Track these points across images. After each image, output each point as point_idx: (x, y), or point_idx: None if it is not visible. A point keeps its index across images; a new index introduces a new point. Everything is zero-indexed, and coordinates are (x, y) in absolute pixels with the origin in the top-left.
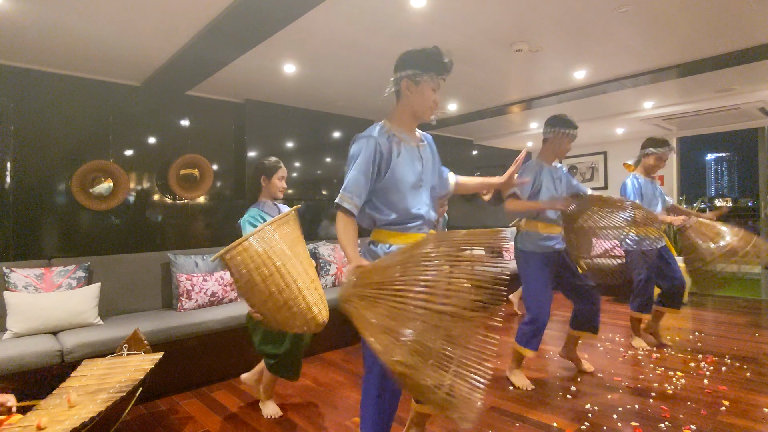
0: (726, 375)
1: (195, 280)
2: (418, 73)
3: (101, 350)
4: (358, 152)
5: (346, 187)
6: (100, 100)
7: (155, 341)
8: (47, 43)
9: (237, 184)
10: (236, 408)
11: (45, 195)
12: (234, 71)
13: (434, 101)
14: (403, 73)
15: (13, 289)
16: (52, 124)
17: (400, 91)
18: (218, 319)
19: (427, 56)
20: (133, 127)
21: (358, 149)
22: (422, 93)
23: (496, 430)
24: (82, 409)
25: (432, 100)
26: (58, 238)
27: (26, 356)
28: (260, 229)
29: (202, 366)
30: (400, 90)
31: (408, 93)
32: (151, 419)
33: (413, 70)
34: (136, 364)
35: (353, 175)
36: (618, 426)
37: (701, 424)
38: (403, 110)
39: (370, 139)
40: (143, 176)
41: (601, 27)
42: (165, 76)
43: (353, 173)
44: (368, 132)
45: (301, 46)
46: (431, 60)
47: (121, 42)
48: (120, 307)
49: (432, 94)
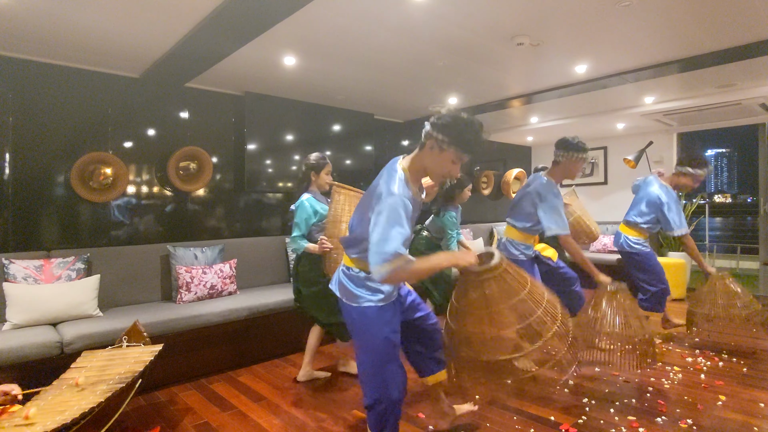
0: (723, 370)
1: (194, 273)
2: (446, 142)
3: (101, 342)
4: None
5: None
6: (99, 91)
7: (155, 333)
8: (46, 35)
9: (236, 177)
10: (235, 400)
11: (44, 186)
12: (233, 63)
13: (450, 172)
14: (434, 133)
15: (13, 281)
16: (51, 115)
17: (425, 144)
18: (217, 312)
19: (465, 131)
20: (132, 118)
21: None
22: (443, 161)
23: (494, 423)
24: (83, 399)
25: (448, 170)
26: (58, 229)
27: (26, 347)
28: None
29: (201, 358)
30: (425, 144)
31: (430, 153)
32: (150, 410)
33: (445, 136)
34: (135, 355)
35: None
36: (615, 420)
37: (698, 418)
38: (420, 162)
39: (406, 201)
40: (142, 168)
41: (603, 21)
42: (164, 67)
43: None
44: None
45: (301, 39)
46: (466, 138)
47: (120, 33)
48: (119, 299)
49: (451, 166)
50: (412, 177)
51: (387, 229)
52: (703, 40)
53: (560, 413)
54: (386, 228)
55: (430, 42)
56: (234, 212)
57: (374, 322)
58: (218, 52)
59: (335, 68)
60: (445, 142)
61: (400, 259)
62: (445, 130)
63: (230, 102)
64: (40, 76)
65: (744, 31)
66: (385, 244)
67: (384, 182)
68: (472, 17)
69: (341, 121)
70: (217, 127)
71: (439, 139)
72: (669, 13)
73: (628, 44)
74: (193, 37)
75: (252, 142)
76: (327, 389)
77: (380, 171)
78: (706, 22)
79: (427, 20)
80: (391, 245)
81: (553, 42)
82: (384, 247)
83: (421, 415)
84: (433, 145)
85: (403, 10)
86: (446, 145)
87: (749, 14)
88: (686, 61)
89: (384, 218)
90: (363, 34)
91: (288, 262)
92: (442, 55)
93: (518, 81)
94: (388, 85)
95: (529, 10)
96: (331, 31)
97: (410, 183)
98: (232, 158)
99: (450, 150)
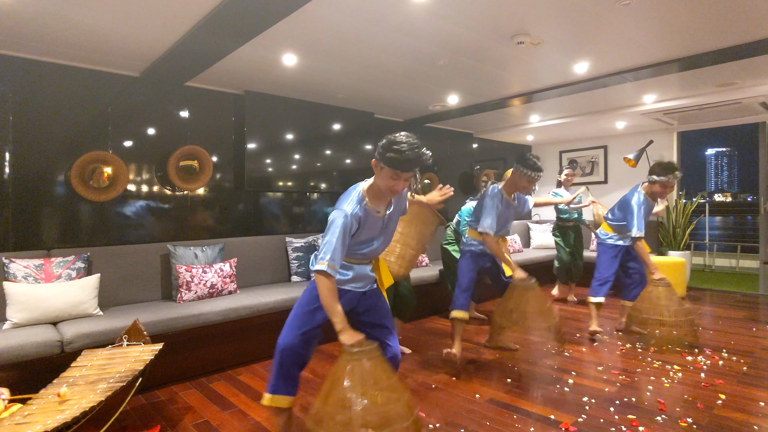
0: (723, 369)
1: (194, 272)
2: (381, 161)
3: (101, 341)
4: (337, 222)
5: (327, 253)
6: (99, 90)
7: (155, 332)
8: (46, 33)
9: (236, 176)
10: (235, 398)
11: (44, 185)
12: (234, 62)
13: (391, 188)
14: (375, 154)
15: (13, 280)
16: (51, 114)
17: (374, 165)
18: (217, 311)
19: (391, 151)
20: (132, 117)
21: (337, 220)
22: (383, 177)
23: (494, 422)
24: (83, 398)
25: (389, 186)
26: (58, 228)
27: (26, 346)
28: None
29: (201, 357)
30: (373, 165)
31: (376, 171)
32: (150, 409)
33: (380, 156)
34: (135, 354)
35: (333, 242)
36: (615, 419)
37: (698, 417)
38: (375, 181)
39: (347, 216)
40: (143, 167)
41: (603, 20)
42: (164, 66)
43: (332, 240)
44: (348, 200)
45: (301, 38)
46: (394, 157)
47: (120, 32)
48: (120, 298)
49: (390, 182)
50: (373, 197)
51: (324, 238)
52: (703, 39)
53: (560, 412)
54: (324, 237)
55: (431, 41)
56: (234, 211)
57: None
58: (218, 50)
59: (335, 67)
60: (381, 161)
61: (319, 273)
62: (380, 150)
63: (230, 101)
64: (40, 74)
65: (744, 29)
66: (318, 252)
67: (340, 198)
68: (473, 16)
69: (341, 120)
70: (217, 126)
71: (377, 158)
72: (669, 12)
73: (628, 43)
74: (193, 36)
75: (252, 141)
76: None
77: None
78: (706, 21)
79: (428, 19)
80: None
81: (553, 41)
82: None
83: (420, 413)
84: (375, 164)
85: (404, 9)
86: (382, 164)
87: (749, 13)
88: (686, 59)
89: (327, 229)
90: (363, 33)
91: (288, 261)
92: (443, 53)
93: (518, 80)
94: (388, 84)
95: (530, 9)
96: (331, 30)
97: (368, 201)
98: (232, 157)
99: (386, 167)
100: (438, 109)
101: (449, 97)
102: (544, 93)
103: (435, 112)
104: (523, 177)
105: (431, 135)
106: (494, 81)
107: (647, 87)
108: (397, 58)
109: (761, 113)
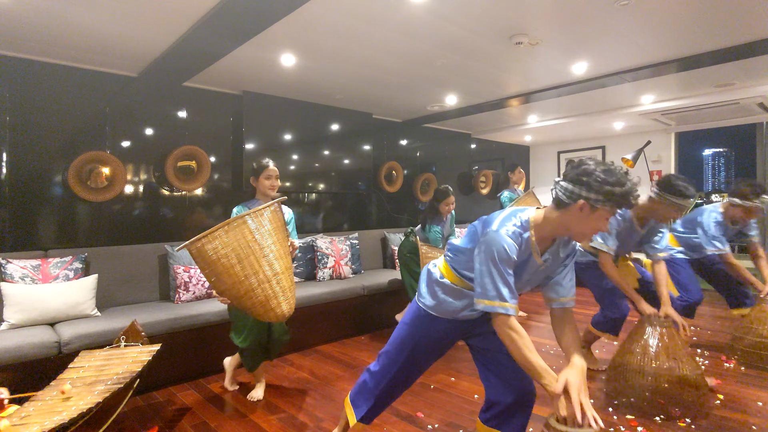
0: (722, 369)
1: (192, 272)
2: (601, 201)
3: (99, 341)
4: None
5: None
6: (96, 90)
7: (152, 333)
8: (43, 34)
9: (234, 176)
10: (233, 399)
11: (41, 186)
12: (232, 62)
13: (598, 229)
14: (584, 193)
15: (10, 280)
16: (48, 114)
17: (569, 205)
18: (215, 311)
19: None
20: (130, 118)
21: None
22: (595, 221)
23: None
24: (80, 400)
25: (599, 228)
26: (55, 229)
27: (24, 347)
28: (226, 223)
29: (199, 358)
30: (570, 205)
31: (580, 214)
32: (148, 410)
33: (599, 197)
34: (133, 355)
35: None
36: (613, 419)
37: (696, 417)
38: (559, 222)
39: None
40: (140, 168)
41: (602, 20)
42: (162, 66)
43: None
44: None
45: (299, 38)
46: (623, 196)
47: (117, 32)
48: (117, 298)
49: (604, 224)
50: (541, 238)
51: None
52: (701, 39)
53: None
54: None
55: (429, 41)
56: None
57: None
58: (216, 51)
59: (334, 67)
60: (600, 201)
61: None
62: (598, 188)
63: (228, 101)
64: (37, 74)
65: (742, 30)
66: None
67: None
68: (471, 16)
69: (340, 120)
70: (216, 127)
71: (592, 199)
72: (667, 12)
73: (626, 43)
74: (191, 36)
75: (250, 141)
76: (324, 389)
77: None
78: (705, 22)
79: (426, 19)
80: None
81: (552, 41)
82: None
83: (420, 414)
84: (583, 206)
85: (402, 9)
86: (601, 204)
87: (748, 13)
88: (684, 60)
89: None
90: (361, 33)
91: None
92: (441, 54)
93: (516, 80)
94: (386, 85)
95: (528, 10)
96: (329, 30)
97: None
98: (230, 158)
99: (606, 208)
100: (436, 110)
101: (447, 97)
102: (543, 93)
103: (433, 113)
104: (670, 207)
105: (429, 135)
106: (492, 81)
107: (645, 87)
108: (395, 58)
109: (759, 114)
